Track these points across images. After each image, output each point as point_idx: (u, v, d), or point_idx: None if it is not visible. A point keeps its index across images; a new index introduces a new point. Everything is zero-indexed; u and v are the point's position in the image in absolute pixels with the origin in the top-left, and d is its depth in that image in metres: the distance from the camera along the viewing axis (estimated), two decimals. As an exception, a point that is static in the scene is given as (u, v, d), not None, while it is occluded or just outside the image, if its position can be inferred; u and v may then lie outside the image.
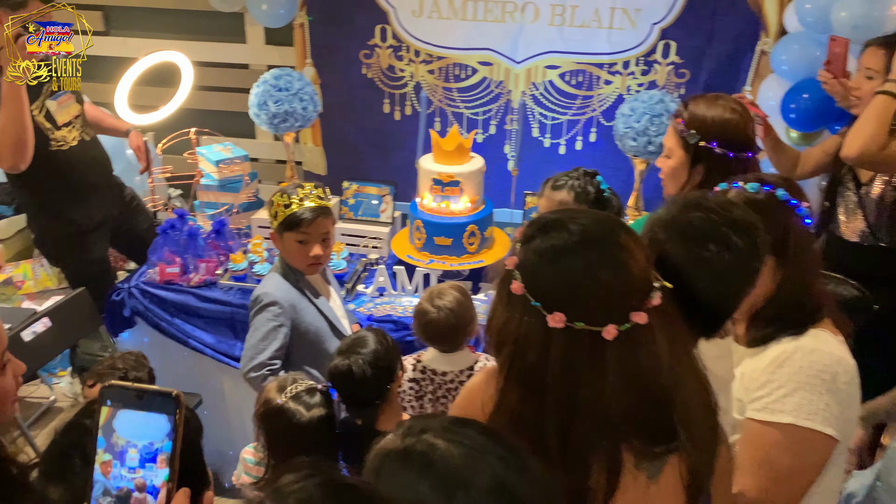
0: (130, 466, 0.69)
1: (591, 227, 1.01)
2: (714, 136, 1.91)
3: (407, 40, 3.53)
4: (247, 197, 2.93)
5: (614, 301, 0.97)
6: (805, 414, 1.35)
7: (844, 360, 1.40)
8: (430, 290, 2.12)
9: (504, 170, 3.51)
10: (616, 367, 0.97)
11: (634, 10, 3.29)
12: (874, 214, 2.43)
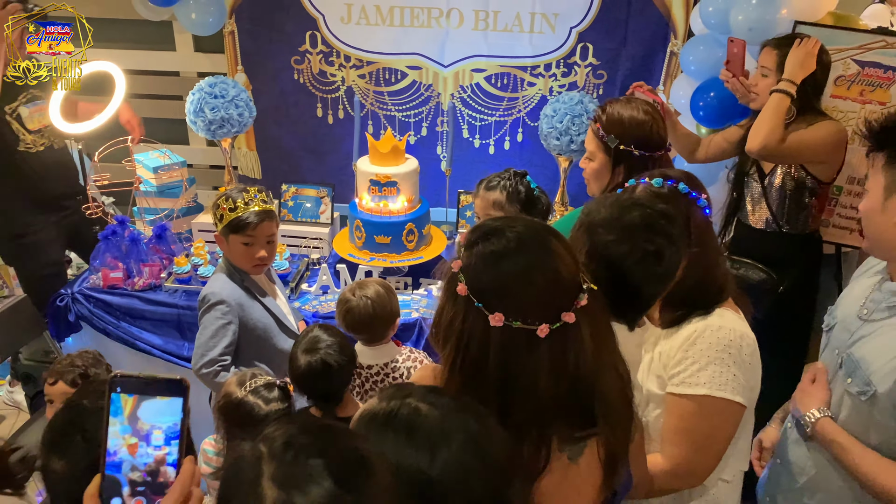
0: (156, 445, 0.80)
1: (525, 235, 1.09)
2: (632, 139, 2.08)
3: (337, 46, 3.62)
4: (186, 202, 2.97)
5: (546, 302, 1.06)
6: (717, 385, 1.49)
7: (746, 335, 1.55)
8: (354, 282, 2.22)
9: (437, 170, 3.65)
10: (548, 360, 1.05)
11: (553, 14, 3.47)
12: (777, 203, 2.62)
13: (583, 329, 1.07)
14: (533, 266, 1.07)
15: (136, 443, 0.80)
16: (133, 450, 0.80)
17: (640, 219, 1.35)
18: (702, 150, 2.84)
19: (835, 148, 2.50)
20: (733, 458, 1.62)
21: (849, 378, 1.53)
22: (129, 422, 0.80)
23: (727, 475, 1.62)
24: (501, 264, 1.07)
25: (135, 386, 0.81)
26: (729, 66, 2.69)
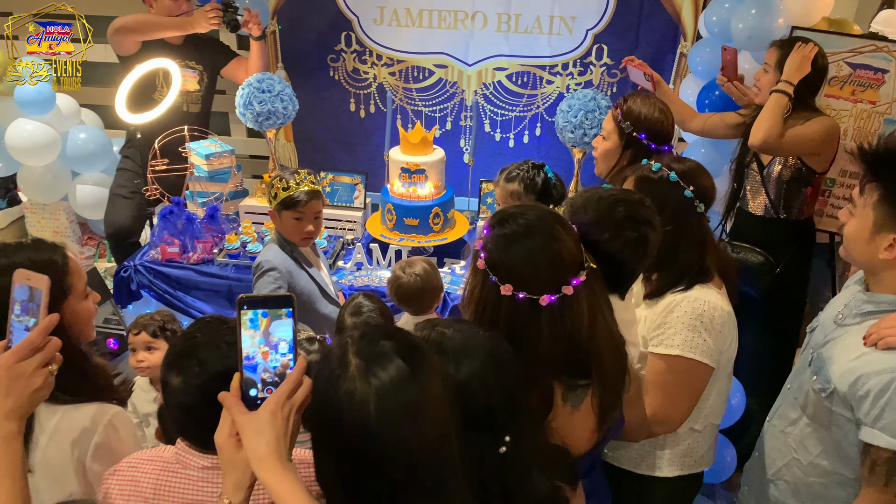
0: (282, 353, 1.08)
1: (533, 222, 1.31)
2: (643, 129, 2.37)
3: (370, 45, 3.91)
4: (234, 186, 3.28)
5: (548, 277, 1.28)
6: (688, 347, 1.73)
7: (720, 307, 1.76)
8: (402, 261, 2.50)
9: (460, 161, 3.92)
10: (548, 324, 1.27)
11: (571, 17, 3.72)
12: (774, 191, 2.83)
13: (581, 300, 1.31)
14: (538, 248, 1.29)
15: (267, 351, 1.07)
16: (265, 356, 1.08)
17: (625, 212, 1.51)
18: (697, 123, 3.05)
19: (829, 141, 2.72)
20: (705, 412, 1.86)
21: (814, 375, 1.71)
22: (263, 335, 1.07)
23: (698, 426, 1.87)
24: (512, 246, 1.30)
25: (254, 303, 1.08)
26: (724, 72, 2.93)
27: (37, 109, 3.56)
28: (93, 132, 3.81)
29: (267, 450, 1.01)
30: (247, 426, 1.04)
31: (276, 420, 1.03)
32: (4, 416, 1.10)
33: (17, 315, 1.18)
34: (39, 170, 3.73)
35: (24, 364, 1.11)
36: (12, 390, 1.10)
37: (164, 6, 3.25)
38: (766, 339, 2.97)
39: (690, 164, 1.85)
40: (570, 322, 1.30)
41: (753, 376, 2.87)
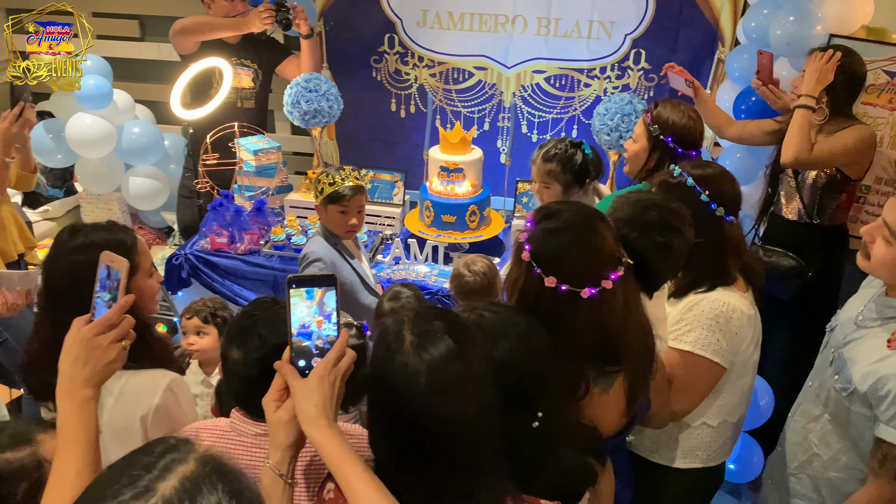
0: (334, 322, 1.20)
1: (576, 217, 1.39)
2: (670, 133, 2.45)
3: (412, 47, 4.02)
4: (280, 181, 3.41)
5: (590, 271, 1.36)
6: (700, 345, 1.82)
7: (739, 310, 1.83)
8: (464, 259, 2.57)
9: (497, 162, 4.01)
10: (586, 315, 1.35)
11: (609, 22, 3.78)
12: (809, 197, 2.87)
13: (617, 294, 1.39)
14: (579, 244, 1.37)
15: (321, 320, 1.19)
16: (320, 325, 1.19)
17: (657, 217, 1.60)
18: (734, 130, 3.08)
19: (864, 150, 2.73)
20: (718, 408, 1.94)
21: (836, 375, 1.77)
22: (318, 305, 1.19)
23: (712, 421, 1.95)
24: (556, 240, 1.38)
25: (303, 282, 1.20)
26: (759, 76, 2.97)
27: (95, 104, 3.74)
28: (146, 126, 3.98)
29: (315, 411, 1.14)
30: (299, 390, 1.16)
31: (323, 385, 1.15)
32: (82, 383, 1.21)
33: (98, 292, 1.30)
34: (95, 162, 3.92)
35: (100, 338, 1.22)
36: (89, 360, 1.21)
37: (221, 7, 3.41)
38: (796, 342, 3.00)
39: (711, 169, 1.91)
40: (607, 314, 1.38)
41: (782, 378, 2.91)
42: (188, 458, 0.80)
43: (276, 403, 1.20)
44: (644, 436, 2.01)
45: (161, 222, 4.24)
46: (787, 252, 2.91)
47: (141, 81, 4.40)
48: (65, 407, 1.19)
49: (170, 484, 0.76)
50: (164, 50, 4.37)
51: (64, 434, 1.18)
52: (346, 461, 1.11)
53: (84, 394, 1.20)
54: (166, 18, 4.33)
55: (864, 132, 2.72)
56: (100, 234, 1.61)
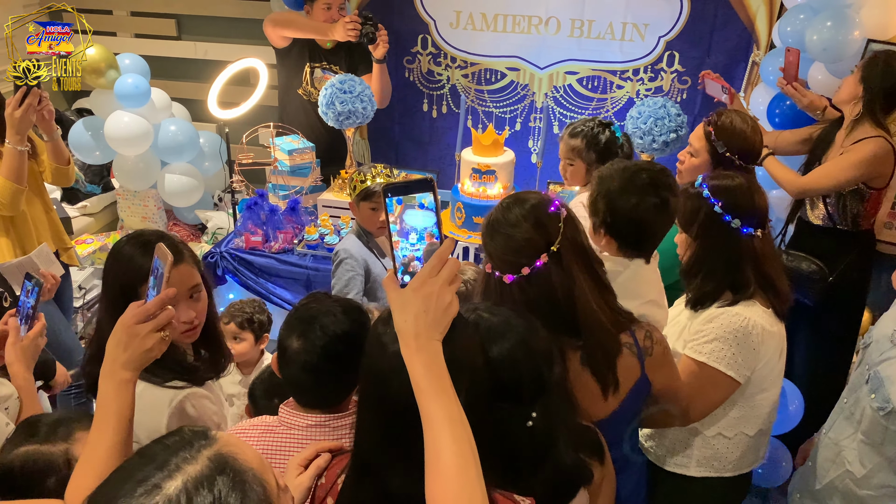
0: (412, 243, 1.20)
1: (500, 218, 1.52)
2: (736, 149, 2.44)
3: (445, 48, 4.04)
4: (313, 181, 3.46)
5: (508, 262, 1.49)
6: (715, 358, 1.83)
7: (760, 325, 1.83)
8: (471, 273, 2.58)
9: (528, 162, 4.03)
10: (519, 295, 1.47)
11: (643, 24, 3.78)
12: (833, 203, 2.85)
13: (543, 277, 1.47)
14: (498, 238, 1.50)
15: (398, 241, 1.17)
16: (396, 244, 1.14)
17: (648, 179, 1.75)
18: (768, 140, 3.02)
19: (878, 163, 2.70)
20: (734, 420, 1.94)
21: (872, 394, 1.75)
22: (396, 221, 1.18)
23: (728, 432, 1.95)
24: (485, 234, 1.56)
25: (397, 189, 1.14)
26: (784, 74, 2.95)
27: (133, 102, 3.82)
28: (182, 125, 4.05)
29: (405, 326, 1.06)
30: (394, 301, 1.09)
31: (417, 296, 1.06)
32: (122, 365, 1.25)
33: (151, 283, 1.35)
34: (132, 159, 4.00)
35: (140, 326, 1.26)
36: (129, 346, 1.25)
37: (318, 15, 3.46)
38: (821, 347, 3.01)
39: (730, 180, 1.91)
40: (539, 292, 1.48)
41: (809, 383, 2.91)
42: (198, 456, 0.83)
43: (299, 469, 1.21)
44: (657, 442, 2.02)
45: (195, 219, 4.31)
46: (808, 256, 2.91)
47: (177, 80, 4.48)
48: (105, 385, 1.24)
49: (175, 483, 0.79)
50: (201, 48, 4.46)
51: (101, 410, 1.24)
52: (431, 393, 1.04)
53: (123, 375, 1.25)
54: (203, 18, 4.43)
55: (877, 148, 2.68)
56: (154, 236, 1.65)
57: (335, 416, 1.49)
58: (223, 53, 4.27)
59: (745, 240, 1.85)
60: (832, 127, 2.88)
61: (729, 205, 1.85)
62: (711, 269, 1.90)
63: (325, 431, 1.48)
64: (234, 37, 4.39)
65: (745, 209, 1.85)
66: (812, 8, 3.04)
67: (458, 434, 1.03)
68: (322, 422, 1.48)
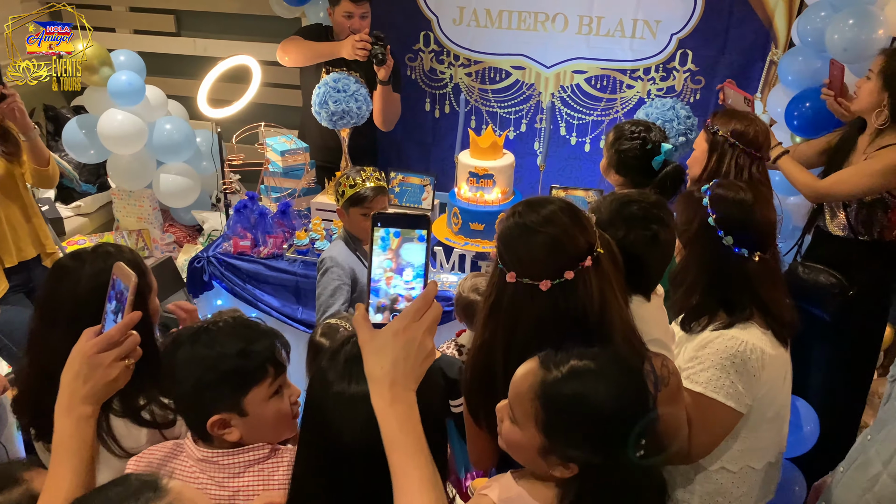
0: (406, 279, 1.03)
1: (540, 217, 1.35)
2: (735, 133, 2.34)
3: (448, 45, 3.90)
4: (307, 183, 3.34)
5: (548, 265, 1.33)
6: (713, 387, 1.68)
7: (759, 349, 1.69)
8: (470, 282, 2.42)
9: (533, 164, 3.87)
10: (549, 306, 1.33)
11: (655, 21, 3.62)
12: (854, 212, 2.69)
13: (585, 283, 1.33)
14: (538, 239, 1.34)
15: (391, 276, 1.02)
16: (389, 281, 1.02)
17: (638, 211, 1.63)
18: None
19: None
20: (738, 453, 1.79)
21: None
22: (392, 257, 1.02)
23: (732, 466, 1.79)
24: (513, 237, 1.38)
25: (389, 220, 1.02)
26: (830, 87, 2.78)
27: (127, 100, 3.72)
28: (178, 123, 3.95)
29: (380, 373, 0.97)
30: (368, 344, 0.99)
31: (397, 341, 0.97)
32: (81, 400, 1.15)
33: (109, 305, 1.24)
34: (127, 158, 3.90)
35: (102, 356, 1.16)
36: (90, 378, 1.16)
37: (337, 22, 3.32)
38: (839, 365, 2.84)
39: (736, 195, 1.77)
40: (574, 303, 1.33)
41: (825, 402, 2.75)
42: None
43: None
44: None
45: (192, 220, 4.21)
46: (827, 269, 2.74)
47: (176, 77, 4.38)
48: (62, 422, 1.15)
49: None
50: (200, 45, 4.35)
51: (58, 450, 1.14)
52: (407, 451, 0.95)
53: (82, 410, 1.16)
54: (202, 13, 4.33)
55: None
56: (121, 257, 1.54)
57: (223, 453, 1.35)
58: (223, 50, 4.14)
59: (736, 259, 1.70)
60: (852, 131, 2.71)
61: (725, 219, 1.72)
62: (694, 282, 1.78)
63: (214, 469, 1.35)
64: (234, 33, 4.29)
65: (741, 227, 1.71)
66: (833, 5, 2.85)
67: (434, 499, 0.95)
68: (208, 457, 1.35)
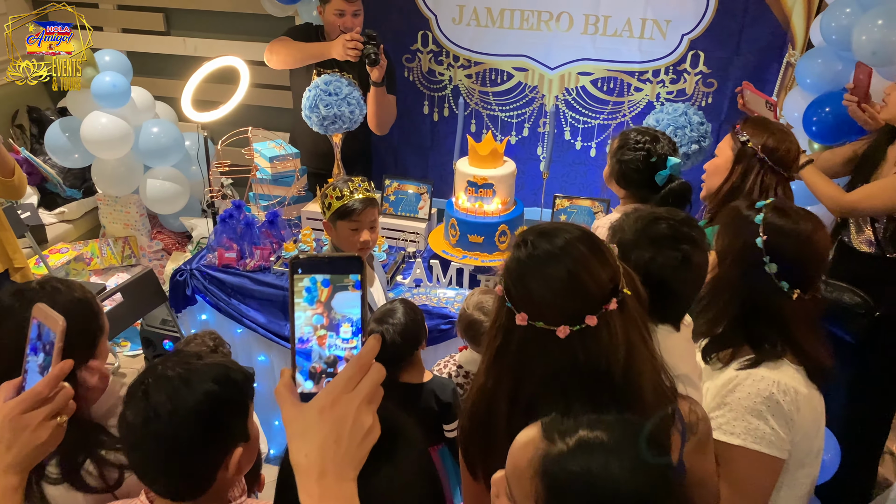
0: (345, 337, 0.82)
1: (553, 246, 1.14)
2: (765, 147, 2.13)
3: (447, 46, 3.73)
4: (297, 191, 3.16)
5: (567, 307, 1.12)
6: (753, 438, 1.49)
7: (793, 389, 1.50)
8: (475, 299, 2.23)
9: (536, 170, 3.70)
10: (566, 356, 1.12)
11: (665, 21, 3.44)
12: (882, 227, 2.54)
13: (609, 330, 1.12)
14: (553, 274, 1.13)
15: (325, 335, 0.82)
16: (322, 341, 0.82)
17: (667, 230, 1.46)
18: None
19: None
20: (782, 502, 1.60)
21: None
22: (322, 311, 0.81)
23: None
24: (526, 272, 1.16)
25: (312, 265, 0.82)
26: (854, 92, 2.59)
27: (112, 102, 3.56)
28: (165, 126, 3.79)
29: (304, 461, 0.78)
30: (291, 424, 0.80)
31: (324, 420, 0.78)
32: (4, 470, 1.01)
33: (29, 355, 1.08)
34: (112, 163, 3.75)
35: (29, 416, 1.01)
36: (14, 443, 1.00)
37: (328, 20, 3.15)
38: (863, 389, 2.66)
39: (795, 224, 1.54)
40: (596, 351, 1.12)
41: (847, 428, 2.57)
42: None
43: None
44: None
45: (181, 227, 4.05)
46: (851, 287, 2.56)
47: (164, 77, 4.23)
48: None
49: None
50: (190, 44, 4.19)
51: None
52: None
53: (6, 482, 1.01)
54: (192, 12, 4.17)
55: None
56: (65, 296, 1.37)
57: None
58: (213, 50, 3.99)
59: (774, 292, 1.51)
60: (882, 140, 2.53)
61: (774, 245, 1.52)
62: (723, 309, 1.58)
63: None
64: (225, 32, 4.13)
65: (790, 258, 1.51)
66: (860, 3, 2.65)
67: None
68: None
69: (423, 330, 2.14)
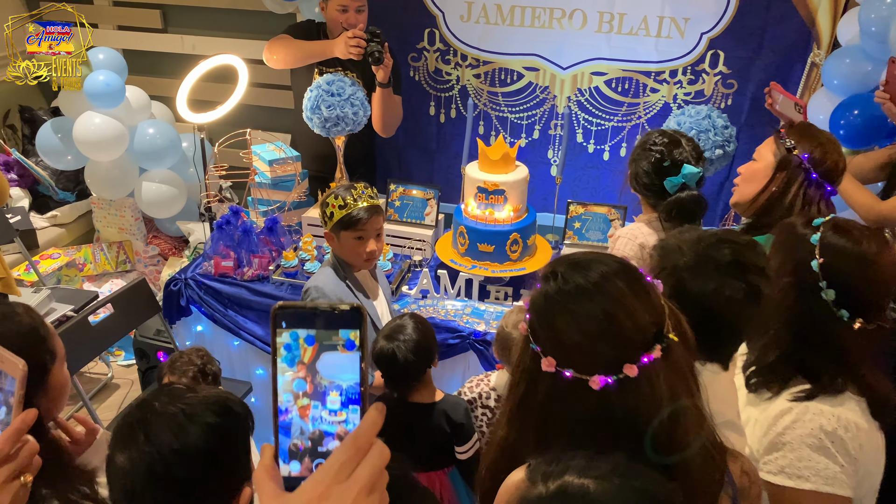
0: (333, 408, 0.66)
1: (588, 282, 1.01)
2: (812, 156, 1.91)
3: (454, 44, 3.59)
4: (298, 195, 3.02)
5: (603, 353, 0.98)
6: (824, 480, 1.34)
7: (853, 424, 1.36)
8: (514, 317, 2.08)
9: (547, 174, 3.56)
10: (598, 410, 0.98)
11: (683, 18, 3.30)
12: None
13: (652, 382, 0.97)
14: (586, 313, 0.99)
15: (308, 404, 0.66)
16: (304, 412, 0.66)
17: (731, 256, 1.26)
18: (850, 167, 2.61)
19: None
20: None
21: None
22: (305, 375, 0.66)
23: None
24: (555, 309, 1.01)
25: (296, 319, 0.66)
26: (887, 88, 2.43)
27: (105, 102, 3.42)
28: (162, 127, 3.65)
29: None
30: None
31: None
32: None
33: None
34: (106, 165, 3.61)
35: None
36: None
37: (331, 16, 3.00)
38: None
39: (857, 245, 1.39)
40: (634, 404, 0.97)
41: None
42: None
43: None
44: None
45: (177, 231, 3.91)
46: None
47: (161, 76, 4.09)
48: None
49: None
50: (188, 42, 4.06)
51: None
52: None
53: None
54: (190, 8, 4.03)
55: None
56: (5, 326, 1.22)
57: None
58: (212, 48, 3.84)
59: (832, 321, 1.36)
60: None
61: (832, 268, 1.37)
62: (777, 337, 1.42)
63: None
64: (224, 30, 3.99)
65: (850, 284, 1.36)
66: (899, -5, 2.51)
67: None
68: None
69: (435, 346, 2.03)
